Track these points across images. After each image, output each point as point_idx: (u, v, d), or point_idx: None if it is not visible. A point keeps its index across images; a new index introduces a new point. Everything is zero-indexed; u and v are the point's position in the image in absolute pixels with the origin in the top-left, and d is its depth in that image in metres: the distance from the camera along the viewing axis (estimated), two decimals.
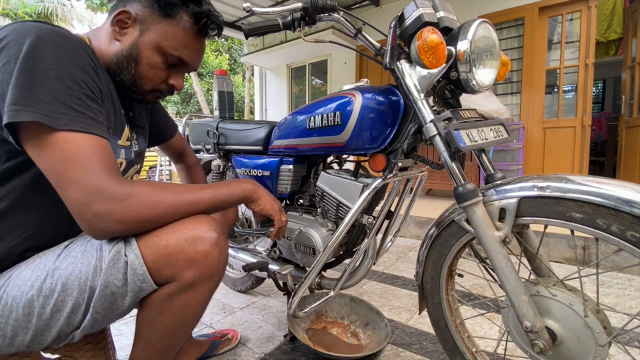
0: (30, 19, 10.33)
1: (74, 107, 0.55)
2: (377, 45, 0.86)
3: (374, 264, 1.02)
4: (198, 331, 1.28)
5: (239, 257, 1.25)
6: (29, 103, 0.51)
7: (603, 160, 5.53)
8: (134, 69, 0.70)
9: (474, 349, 0.84)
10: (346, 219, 0.86)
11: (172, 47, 0.70)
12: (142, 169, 0.88)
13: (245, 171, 1.24)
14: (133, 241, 0.59)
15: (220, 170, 1.42)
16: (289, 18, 0.84)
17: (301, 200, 1.17)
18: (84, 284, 0.57)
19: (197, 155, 1.49)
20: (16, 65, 0.51)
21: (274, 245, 1.19)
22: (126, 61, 0.69)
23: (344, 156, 1.14)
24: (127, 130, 0.77)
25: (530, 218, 0.64)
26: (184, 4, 0.70)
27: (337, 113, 0.90)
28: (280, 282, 1.11)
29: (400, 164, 0.86)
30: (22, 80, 0.51)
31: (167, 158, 5.43)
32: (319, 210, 1.05)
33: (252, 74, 8.51)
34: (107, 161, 0.57)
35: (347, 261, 1.02)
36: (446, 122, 0.71)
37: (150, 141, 1.00)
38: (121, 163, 0.76)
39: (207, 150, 1.44)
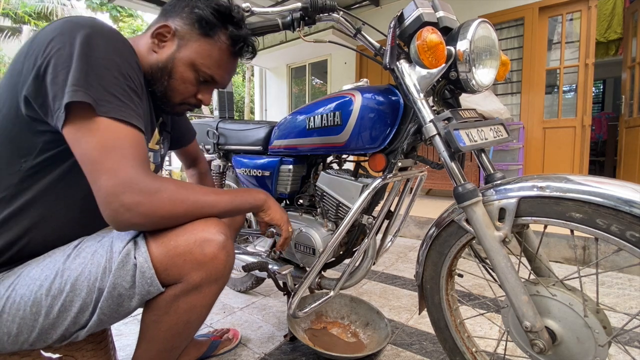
0: (31, 18, 10.34)
1: (118, 97, 0.57)
2: (377, 45, 0.86)
3: (374, 264, 1.02)
4: (198, 331, 1.28)
5: (239, 257, 1.25)
6: (85, 85, 0.53)
7: (603, 160, 5.53)
8: (166, 81, 0.72)
9: (474, 349, 0.84)
10: (346, 219, 0.86)
11: (205, 65, 0.72)
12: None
13: (245, 171, 1.24)
14: (142, 243, 0.60)
15: (220, 170, 1.42)
16: (289, 18, 0.84)
17: (301, 200, 1.17)
18: (93, 284, 0.58)
19: None
20: (74, 51, 0.54)
21: (274, 245, 1.19)
22: (160, 73, 0.71)
23: (344, 156, 1.14)
24: (156, 133, 0.80)
25: (530, 218, 0.64)
26: (224, 26, 0.72)
27: (337, 113, 0.90)
28: (280, 282, 1.11)
29: (400, 164, 0.86)
30: (79, 64, 0.53)
31: (166, 158, 5.45)
32: (318, 210, 1.05)
33: (252, 74, 8.51)
34: (141, 155, 0.58)
35: (347, 261, 1.02)
36: (446, 122, 0.71)
37: (171, 145, 1.01)
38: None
39: (207, 151, 1.44)
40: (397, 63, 0.77)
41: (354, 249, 1.05)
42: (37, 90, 0.55)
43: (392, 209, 1.07)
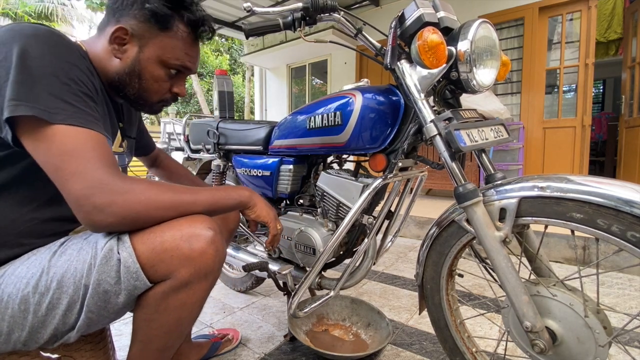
0: (30, 18, 10.34)
1: (71, 103, 0.56)
2: (378, 45, 0.86)
3: (374, 264, 1.02)
4: (198, 331, 1.28)
5: (239, 257, 1.25)
6: (28, 98, 0.52)
7: (603, 160, 5.53)
8: (137, 84, 0.72)
9: (474, 349, 0.84)
10: (346, 219, 0.86)
11: (173, 57, 0.72)
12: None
13: (246, 171, 1.24)
14: (126, 239, 0.59)
15: (221, 170, 1.42)
16: (290, 18, 0.84)
17: (301, 200, 1.17)
18: (79, 281, 0.57)
19: (196, 155, 1.50)
20: (13, 62, 0.52)
21: None
22: (129, 77, 0.71)
23: (344, 156, 1.14)
24: (119, 136, 0.79)
25: (530, 218, 0.64)
26: (178, 14, 0.70)
27: (338, 113, 0.90)
28: (280, 282, 1.11)
29: (400, 164, 0.86)
30: (20, 76, 0.52)
31: None
32: (319, 210, 1.05)
33: (252, 74, 8.50)
34: (106, 156, 0.57)
35: (347, 261, 1.02)
36: (446, 122, 0.71)
37: (136, 152, 1.02)
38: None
39: (207, 150, 1.44)
40: (398, 63, 0.77)
41: (354, 249, 1.05)
42: None
43: (393, 209, 1.07)
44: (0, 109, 0.52)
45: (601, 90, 7.03)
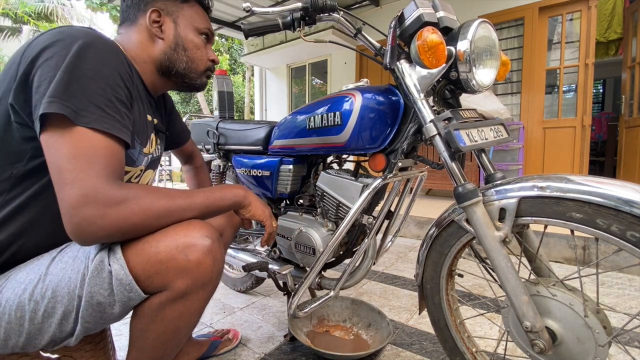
0: (30, 18, 10.34)
1: (102, 107, 0.56)
2: (377, 45, 0.86)
3: (374, 264, 1.02)
4: (198, 331, 1.28)
5: (239, 257, 1.25)
6: (63, 97, 0.53)
7: (603, 160, 5.53)
8: (184, 55, 0.79)
9: (474, 349, 0.84)
10: (346, 219, 0.86)
11: (201, 23, 0.81)
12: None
13: (245, 171, 1.24)
14: (118, 250, 0.58)
15: (220, 170, 1.42)
16: (289, 18, 0.84)
17: (301, 200, 1.17)
18: (73, 291, 0.56)
19: None
20: (61, 63, 0.54)
21: (274, 245, 1.19)
22: (176, 52, 0.78)
23: (344, 156, 1.14)
24: (153, 137, 0.81)
25: (530, 218, 0.64)
26: None
27: (337, 113, 0.90)
28: (280, 282, 1.11)
29: (400, 164, 0.86)
30: (63, 76, 0.53)
31: (166, 158, 5.47)
32: (319, 210, 1.05)
33: (252, 74, 8.51)
34: (113, 166, 0.56)
35: (347, 261, 1.02)
36: (446, 122, 0.71)
37: (166, 146, 1.03)
38: (141, 170, 0.78)
39: (207, 150, 1.44)
40: (398, 63, 0.77)
41: (354, 249, 1.05)
42: (25, 99, 0.55)
43: (392, 209, 1.07)
44: (35, 105, 0.54)
45: (601, 90, 7.02)
